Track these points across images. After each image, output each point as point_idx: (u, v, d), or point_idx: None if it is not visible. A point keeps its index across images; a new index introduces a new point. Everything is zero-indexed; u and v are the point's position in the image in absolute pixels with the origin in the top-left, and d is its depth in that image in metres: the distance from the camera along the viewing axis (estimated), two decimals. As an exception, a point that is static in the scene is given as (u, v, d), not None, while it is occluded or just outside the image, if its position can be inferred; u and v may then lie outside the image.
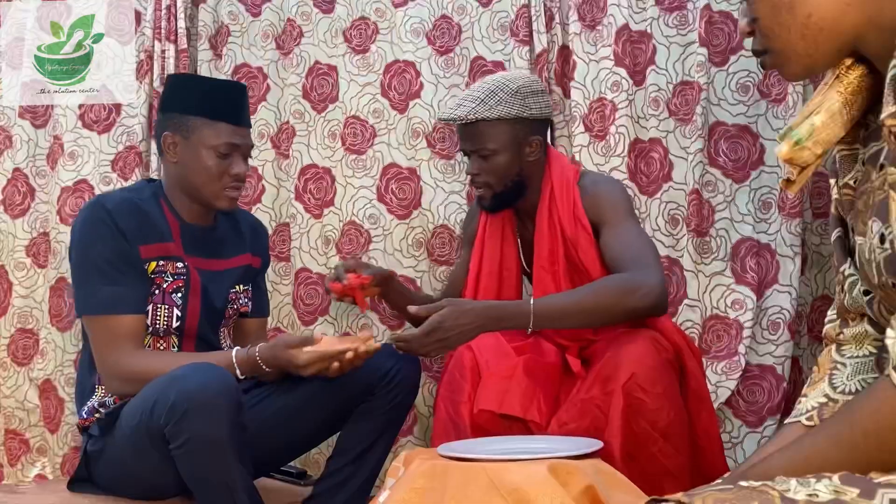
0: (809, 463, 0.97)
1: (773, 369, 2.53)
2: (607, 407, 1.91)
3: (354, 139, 2.73)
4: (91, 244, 1.98)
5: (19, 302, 2.77)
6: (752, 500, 0.86)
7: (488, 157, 2.15)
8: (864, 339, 1.15)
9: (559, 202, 2.19)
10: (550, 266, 2.18)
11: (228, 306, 2.16)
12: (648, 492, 1.78)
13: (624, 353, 1.93)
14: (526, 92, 2.16)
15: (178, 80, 2.22)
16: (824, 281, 2.61)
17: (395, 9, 2.72)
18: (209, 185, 2.06)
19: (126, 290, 1.98)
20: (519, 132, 2.16)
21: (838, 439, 0.96)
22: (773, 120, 2.56)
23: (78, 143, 2.76)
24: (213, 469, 1.78)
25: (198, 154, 2.04)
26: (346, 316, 2.72)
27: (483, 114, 2.10)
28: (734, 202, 2.59)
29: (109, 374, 1.97)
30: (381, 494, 1.64)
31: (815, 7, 1.02)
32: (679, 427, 1.94)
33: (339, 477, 2.08)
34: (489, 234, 2.29)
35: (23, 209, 2.79)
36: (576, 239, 2.15)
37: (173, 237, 2.06)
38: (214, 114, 2.04)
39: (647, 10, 2.61)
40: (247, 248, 2.22)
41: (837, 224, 1.16)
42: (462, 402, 2.02)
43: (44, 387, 2.74)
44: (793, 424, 1.18)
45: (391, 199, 2.71)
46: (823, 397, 1.17)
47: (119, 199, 2.02)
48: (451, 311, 1.94)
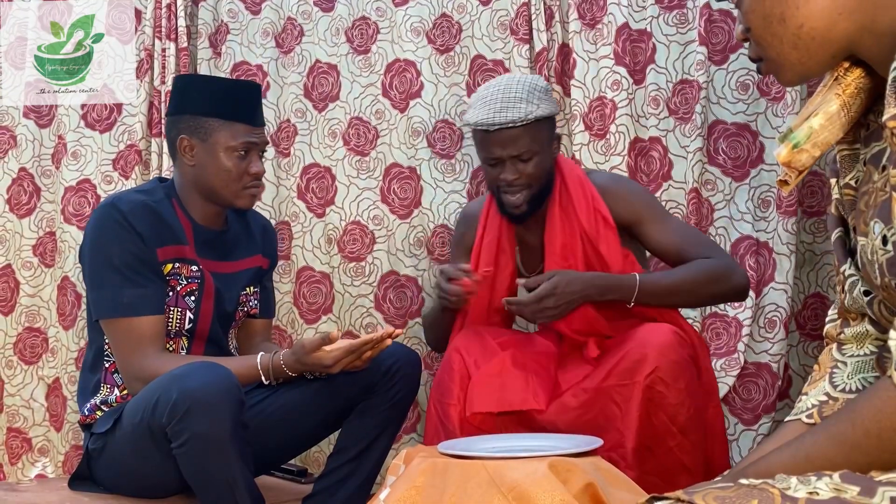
0: (810, 461, 0.97)
1: (768, 367, 2.54)
2: (625, 398, 1.91)
3: (358, 140, 2.74)
4: (107, 246, 1.96)
5: (26, 301, 2.78)
6: (753, 497, 0.86)
7: (530, 159, 2.11)
8: (865, 338, 1.15)
9: (574, 198, 2.17)
10: (563, 262, 2.16)
11: (239, 308, 2.16)
12: (664, 486, 1.80)
13: (649, 346, 1.92)
14: (549, 89, 2.17)
15: (189, 82, 2.19)
16: (816, 279, 2.62)
17: (395, 7, 2.73)
18: (230, 185, 2.04)
19: (146, 291, 1.96)
20: (552, 129, 2.17)
21: (840, 438, 0.96)
22: (773, 118, 2.57)
23: (81, 143, 2.76)
24: (215, 467, 1.78)
25: (216, 156, 2.03)
26: (350, 314, 2.73)
27: (535, 113, 2.07)
28: (733, 200, 2.60)
29: (134, 376, 1.95)
30: (382, 492, 1.65)
31: (806, 18, 1.03)
32: (697, 423, 1.95)
33: (339, 474, 2.08)
34: (486, 244, 2.25)
35: (29, 209, 2.80)
36: (596, 234, 2.14)
37: (187, 239, 2.04)
38: (231, 115, 2.03)
39: (646, 9, 2.62)
40: (258, 250, 2.22)
41: (838, 224, 1.16)
42: (451, 404, 2.02)
43: (53, 385, 2.75)
44: (793, 422, 1.18)
45: (393, 198, 2.72)
46: (824, 395, 1.17)
47: (133, 200, 2.00)
48: (562, 279, 2.04)
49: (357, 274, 2.73)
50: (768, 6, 1.05)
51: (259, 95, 2.13)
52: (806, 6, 1.03)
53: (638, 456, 1.88)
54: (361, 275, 2.73)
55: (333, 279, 2.74)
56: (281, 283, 2.75)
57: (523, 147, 2.10)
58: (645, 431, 1.89)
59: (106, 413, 2.00)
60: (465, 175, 2.70)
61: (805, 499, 0.86)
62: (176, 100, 2.10)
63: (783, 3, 1.04)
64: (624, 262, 2.15)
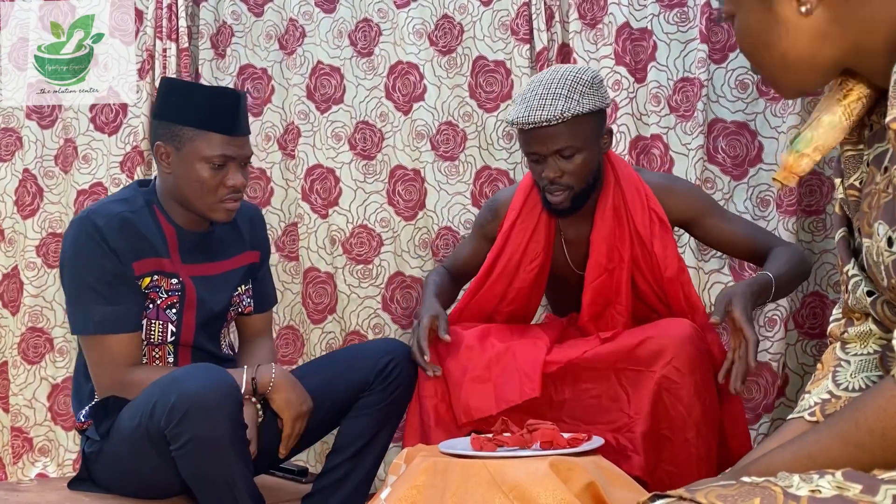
0: (813, 459, 0.98)
1: (768, 366, 2.54)
2: (634, 383, 1.92)
3: (364, 144, 2.75)
4: (82, 263, 1.93)
5: (30, 301, 2.78)
6: (755, 496, 0.86)
7: (572, 155, 2.03)
8: (869, 337, 1.16)
9: (629, 199, 2.12)
10: (609, 264, 2.12)
11: (231, 309, 2.14)
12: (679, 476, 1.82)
13: (667, 337, 1.93)
14: (598, 82, 2.07)
15: (171, 87, 2.09)
16: (815, 278, 2.62)
17: (397, 10, 2.73)
18: (204, 197, 1.97)
19: (120, 308, 1.94)
20: (600, 124, 2.09)
21: (843, 437, 0.97)
22: (772, 118, 2.57)
23: (91, 146, 2.79)
24: (215, 469, 1.78)
25: (190, 166, 1.95)
26: (357, 315, 2.75)
27: (574, 110, 1.98)
28: (732, 199, 2.60)
29: (105, 392, 1.96)
30: (383, 491, 1.65)
31: (790, 46, 1.04)
32: (713, 416, 1.95)
33: (338, 473, 2.07)
34: (515, 233, 2.19)
35: (33, 209, 2.82)
36: (650, 235, 2.10)
37: (168, 249, 2.00)
38: (207, 124, 1.94)
39: (647, 7, 2.62)
40: (247, 245, 2.17)
41: (842, 223, 1.17)
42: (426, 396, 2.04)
43: (63, 384, 2.76)
44: (795, 420, 1.19)
45: (398, 201, 2.73)
46: (826, 394, 1.17)
47: (109, 213, 1.94)
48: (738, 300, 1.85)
49: (364, 276, 2.75)
50: (755, 33, 1.07)
51: (241, 104, 2.01)
52: (788, 36, 1.04)
53: (647, 442, 1.88)
54: (369, 276, 2.75)
55: (337, 280, 2.75)
56: (292, 284, 2.78)
57: (562, 143, 2.01)
58: (658, 420, 1.90)
59: (101, 420, 1.99)
60: (468, 177, 2.70)
61: (807, 497, 0.86)
62: (157, 103, 2.05)
63: (768, 32, 1.05)
64: (679, 263, 2.13)
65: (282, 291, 2.80)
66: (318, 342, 2.78)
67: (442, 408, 2.04)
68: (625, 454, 1.87)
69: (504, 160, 2.69)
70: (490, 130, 2.69)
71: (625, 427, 1.90)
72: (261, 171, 2.80)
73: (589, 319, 2.15)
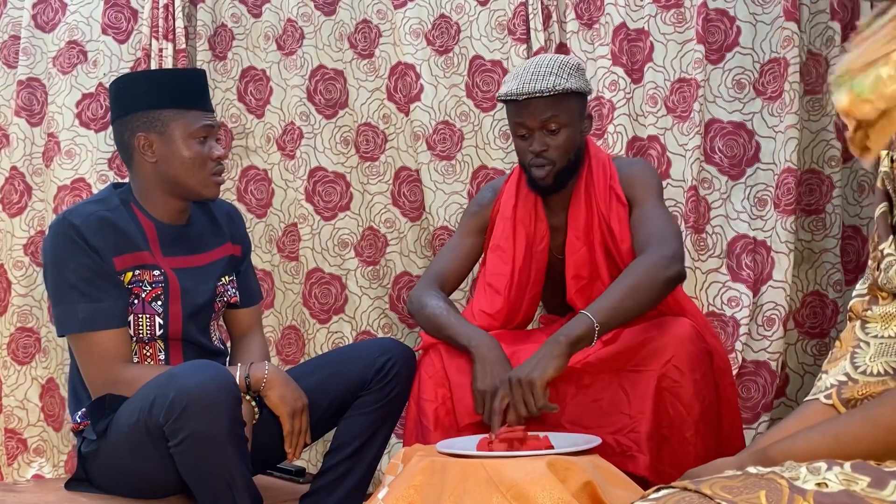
0: (838, 439, 0.96)
1: (767, 365, 2.54)
2: (634, 384, 1.92)
3: (367, 146, 2.76)
4: (63, 263, 1.95)
5: (18, 300, 2.76)
6: (761, 488, 0.85)
7: (558, 130, 2.11)
8: (891, 319, 1.13)
9: (596, 178, 2.18)
10: (585, 238, 2.17)
11: (217, 300, 2.15)
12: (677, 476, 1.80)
13: (667, 336, 1.93)
14: (583, 69, 2.18)
15: (132, 79, 2.18)
16: (815, 277, 2.62)
17: (395, 10, 2.72)
18: (196, 174, 2.03)
19: (104, 305, 1.95)
20: (582, 106, 2.17)
21: (876, 420, 0.95)
22: (769, 117, 2.57)
23: (75, 142, 2.76)
24: (213, 466, 1.77)
25: (176, 146, 2.01)
26: (368, 315, 2.76)
27: (563, 85, 2.07)
28: (729, 199, 2.60)
29: (98, 391, 1.96)
30: (381, 491, 1.64)
31: None
32: (712, 414, 1.96)
33: (336, 473, 2.07)
34: (520, 218, 2.23)
35: (20, 207, 2.79)
36: (609, 212, 2.16)
37: (148, 243, 2.02)
38: (184, 102, 2.02)
39: (644, 8, 2.62)
40: (226, 238, 2.20)
41: (883, 199, 1.12)
42: (427, 400, 2.02)
43: (47, 385, 2.74)
44: (811, 402, 1.16)
45: (403, 202, 2.74)
46: (843, 376, 1.14)
47: (86, 213, 1.97)
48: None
49: (373, 277, 2.76)
50: None
51: (205, 81, 2.13)
52: None
53: (652, 442, 1.88)
54: (377, 277, 2.76)
55: (348, 281, 2.76)
56: (294, 284, 2.78)
57: (550, 114, 2.09)
58: (661, 419, 1.90)
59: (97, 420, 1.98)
60: (465, 176, 2.70)
61: (814, 491, 0.85)
62: (121, 101, 2.06)
63: None
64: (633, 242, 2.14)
65: (283, 292, 2.80)
66: (325, 342, 2.78)
67: (442, 412, 2.03)
68: (629, 455, 1.87)
69: (501, 160, 2.69)
70: (487, 130, 2.69)
71: (626, 428, 1.90)
72: (262, 173, 2.80)
73: (575, 293, 2.16)
